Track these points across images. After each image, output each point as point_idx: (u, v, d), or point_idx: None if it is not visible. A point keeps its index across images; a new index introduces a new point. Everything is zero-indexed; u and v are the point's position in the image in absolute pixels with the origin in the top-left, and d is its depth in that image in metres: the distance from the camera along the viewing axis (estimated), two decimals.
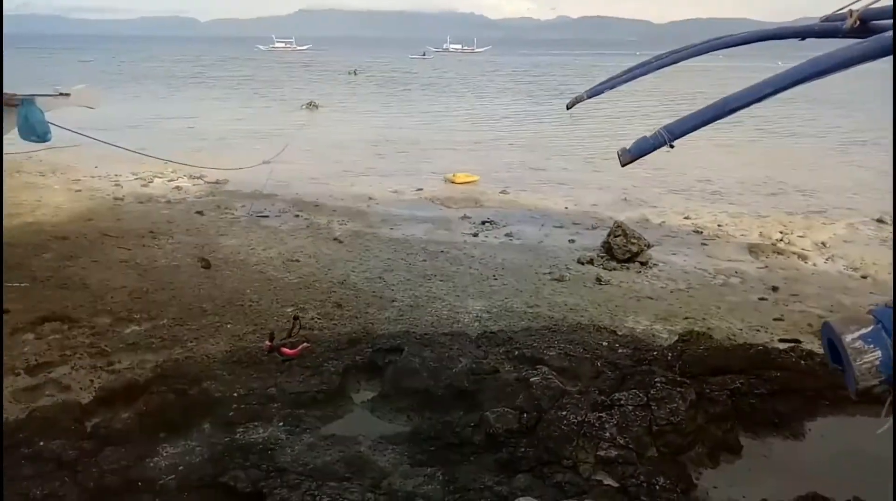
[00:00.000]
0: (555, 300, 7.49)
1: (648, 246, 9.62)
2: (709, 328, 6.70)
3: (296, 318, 5.03)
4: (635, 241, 9.50)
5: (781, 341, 6.47)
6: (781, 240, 10.67)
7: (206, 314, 6.56)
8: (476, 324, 6.60)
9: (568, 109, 5.61)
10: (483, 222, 11.68)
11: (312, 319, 6.59)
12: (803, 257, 9.77)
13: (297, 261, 8.84)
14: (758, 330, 6.83)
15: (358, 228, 11.06)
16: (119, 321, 6.27)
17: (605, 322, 6.78)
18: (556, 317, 6.87)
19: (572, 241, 10.54)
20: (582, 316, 6.97)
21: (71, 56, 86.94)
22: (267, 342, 4.79)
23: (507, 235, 10.92)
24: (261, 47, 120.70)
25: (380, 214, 12.23)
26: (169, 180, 14.44)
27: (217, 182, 14.32)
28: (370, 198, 13.59)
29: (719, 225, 11.62)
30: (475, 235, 10.89)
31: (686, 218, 12.18)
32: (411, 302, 7.29)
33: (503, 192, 14.44)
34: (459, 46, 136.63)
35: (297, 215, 11.76)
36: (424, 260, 9.17)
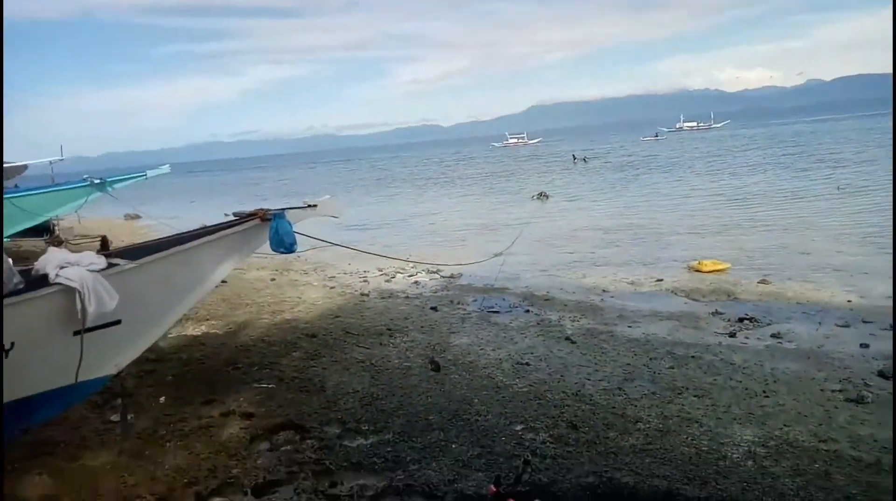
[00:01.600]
0: (857, 433, 5.71)
1: None
2: None
3: (526, 462, 4.27)
4: None
5: None
6: None
7: (431, 429, 6.17)
8: (749, 463, 5.19)
9: None
10: (741, 320, 10.01)
11: (544, 442, 5.81)
12: None
13: (527, 365, 8.21)
14: None
15: (591, 325, 10.16)
16: (347, 432, 6.16)
17: None
18: (867, 460, 5.15)
19: (865, 345, 8.39)
20: None
21: (342, 167, 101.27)
22: (492, 487, 4.09)
23: (773, 336, 9.13)
24: (495, 144, 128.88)
25: (615, 308, 11.21)
26: (409, 275, 15.13)
27: (452, 277, 14.61)
28: (604, 290, 12.67)
29: None
30: (732, 335, 9.30)
31: None
32: (660, 425, 6.11)
33: (762, 281, 12.47)
34: (694, 124, 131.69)
35: (528, 311, 11.28)
36: (671, 367, 7.90)
